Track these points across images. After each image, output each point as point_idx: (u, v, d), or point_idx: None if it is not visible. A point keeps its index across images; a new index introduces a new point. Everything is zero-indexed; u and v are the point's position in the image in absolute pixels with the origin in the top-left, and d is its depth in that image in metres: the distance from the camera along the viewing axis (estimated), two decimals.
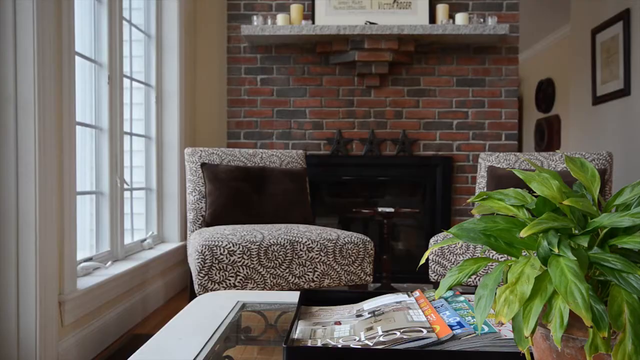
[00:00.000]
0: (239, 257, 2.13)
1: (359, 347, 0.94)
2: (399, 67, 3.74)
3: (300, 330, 1.08)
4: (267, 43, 3.71)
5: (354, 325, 1.07)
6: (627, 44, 4.13)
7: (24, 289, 1.79)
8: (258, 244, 2.16)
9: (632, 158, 4.03)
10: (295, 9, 3.60)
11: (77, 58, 2.38)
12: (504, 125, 3.76)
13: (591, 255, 0.62)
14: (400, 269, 3.71)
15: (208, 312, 1.28)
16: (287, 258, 2.19)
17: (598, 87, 4.58)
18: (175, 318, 1.23)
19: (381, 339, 0.95)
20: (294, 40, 3.65)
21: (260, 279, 2.16)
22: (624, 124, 4.16)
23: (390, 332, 0.97)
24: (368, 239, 2.38)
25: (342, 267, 2.28)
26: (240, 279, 2.13)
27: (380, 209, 3.08)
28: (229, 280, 2.12)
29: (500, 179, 2.78)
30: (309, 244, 2.23)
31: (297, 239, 2.23)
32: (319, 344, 0.98)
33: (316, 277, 2.24)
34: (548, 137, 6.78)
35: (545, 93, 6.94)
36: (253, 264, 2.15)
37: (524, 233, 0.64)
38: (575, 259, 0.58)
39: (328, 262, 2.25)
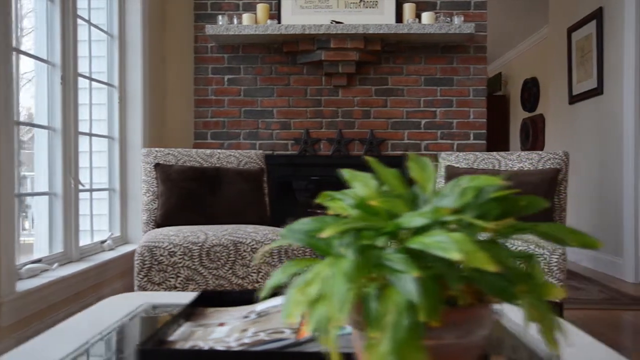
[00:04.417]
0: (179, 258, 2.12)
1: (223, 349, 0.93)
2: (366, 67, 3.73)
3: (182, 331, 1.07)
4: (234, 43, 3.70)
5: (234, 327, 1.06)
6: (600, 43, 4.11)
7: None
8: (200, 244, 2.15)
9: (606, 157, 4.00)
10: (261, 9, 3.59)
11: (33, 60, 2.38)
12: (472, 124, 3.74)
13: (383, 256, 0.60)
14: None
15: (105, 314, 1.26)
16: (229, 259, 2.18)
17: (574, 86, 4.56)
18: (70, 320, 1.22)
19: (246, 340, 0.94)
20: (260, 39, 3.63)
21: (202, 280, 2.15)
22: (597, 123, 4.14)
23: (257, 334, 0.96)
24: None
25: None
26: (181, 280, 2.12)
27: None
28: (169, 281, 2.11)
29: None
30: (253, 245, 2.22)
31: (241, 240, 2.21)
32: (188, 346, 0.97)
33: (261, 278, 2.23)
34: (533, 136, 6.76)
35: (531, 92, 6.92)
36: (195, 265, 2.14)
37: (324, 233, 0.63)
38: (353, 259, 0.57)
39: (273, 264, 2.24)
